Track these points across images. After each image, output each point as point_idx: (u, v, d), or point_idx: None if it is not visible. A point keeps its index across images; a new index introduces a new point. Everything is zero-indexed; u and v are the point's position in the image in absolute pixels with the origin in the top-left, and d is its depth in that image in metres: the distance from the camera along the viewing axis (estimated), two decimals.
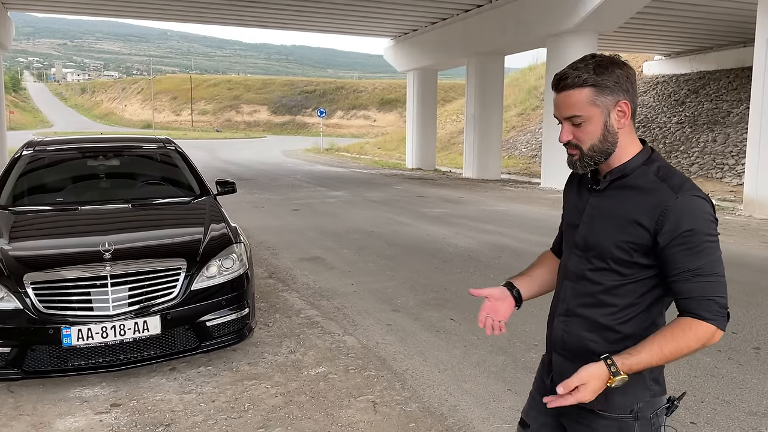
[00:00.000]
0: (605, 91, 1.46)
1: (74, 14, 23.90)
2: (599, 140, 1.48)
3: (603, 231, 1.51)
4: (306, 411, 3.45)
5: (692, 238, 1.40)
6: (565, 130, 1.52)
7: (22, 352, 3.44)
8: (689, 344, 1.40)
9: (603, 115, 1.47)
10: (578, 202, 1.62)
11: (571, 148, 1.53)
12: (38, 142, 5.30)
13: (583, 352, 1.53)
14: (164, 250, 3.96)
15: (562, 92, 1.50)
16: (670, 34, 22.28)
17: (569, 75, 1.47)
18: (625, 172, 1.50)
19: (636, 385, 1.48)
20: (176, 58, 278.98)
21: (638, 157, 1.51)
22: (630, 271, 1.48)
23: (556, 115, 1.54)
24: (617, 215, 1.48)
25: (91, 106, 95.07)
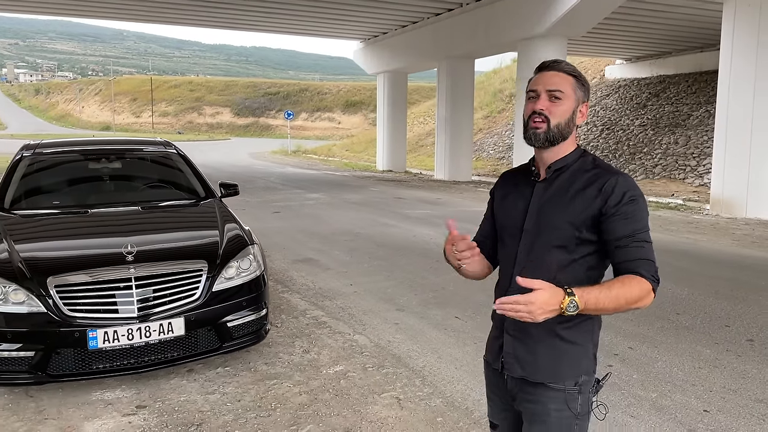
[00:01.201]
0: (581, 88, 1.70)
1: (27, 13, 23.19)
2: (565, 122, 1.67)
3: (554, 213, 1.67)
4: (333, 408, 3.51)
5: (631, 207, 1.60)
6: (542, 101, 1.67)
7: (46, 355, 3.41)
8: (633, 292, 1.55)
9: (575, 104, 1.69)
10: (520, 197, 1.77)
11: (540, 120, 1.67)
12: (36, 144, 5.21)
13: (538, 332, 1.68)
14: (185, 252, 3.97)
15: (551, 71, 1.69)
16: (632, 39, 22.96)
17: (561, 61, 1.71)
18: (567, 164, 1.71)
19: (582, 358, 1.69)
20: (133, 58, 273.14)
21: (575, 153, 1.73)
22: (578, 248, 1.65)
23: (536, 88, 1.69)
24: (566, 197, 1.66)
25: (47, 108, 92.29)
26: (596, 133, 23.72)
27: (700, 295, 5.90)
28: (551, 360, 1.69)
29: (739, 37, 11.51)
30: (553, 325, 1.64)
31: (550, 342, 1.69)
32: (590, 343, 1.71)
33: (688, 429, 3.23)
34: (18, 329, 3.42)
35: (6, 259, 3.62)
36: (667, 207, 12.99)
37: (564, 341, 1.68)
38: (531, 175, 1.78)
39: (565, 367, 1.68)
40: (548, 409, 1.69)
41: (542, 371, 1.69)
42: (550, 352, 1.69)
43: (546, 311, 1.50)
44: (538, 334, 1.68)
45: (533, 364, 1.71)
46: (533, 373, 1.70)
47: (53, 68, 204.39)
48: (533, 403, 1.71)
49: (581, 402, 1.68)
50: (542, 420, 1.70)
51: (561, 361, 1.68)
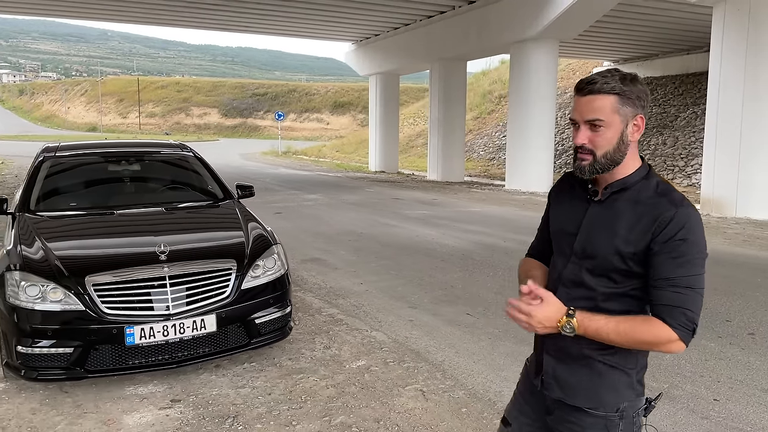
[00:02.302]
0: (628, 102, 1.52)
1: (9, 13, 23.01)
2: (614, 148, 1.53)
3: (603, 240, 1.55)
4: (361, 400, 3.66)
5: (681, 248, 1.46)
6: (582, 134, 1.54)
7: (85, 352, 3.53)
8: (642, 333, 1.47)
9: (622, 125, 1.52)
10: (574, 211, 1.65)
11: (584, 153, 1.55)
12: (56, 147, 5.31)
13: (577, 355, 1.61)
14: (214, 251, 4.10)
15: (587, 96, 1.53)
16: (620, 41, 23.32)
17: (597, 80, 1.52)
18: (626, 186, 1.56)
19: (624, 384, 1.59)
20: (117, 59, 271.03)
21: (638, 172, 1.57)
22: (625, 280, 1.54)
23: (575, 117, 1.56)
24: (618, 225, 1.54)
25: (31, 109, 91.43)
26: None
27: None
28: (591, 384, 1.61)
29: (728, 40, 11.80)
30: (594, 349, 1.58)
31: (591, 365, 1.60)
32: (634, 369, 1.60)
33: (702, 417, 3.42)
34: (57, 327, 3.53)
35: (42, 259, 3.74)
36: None
37: (605, 365, 1.59)
38: (588, 191, 1.64)
39: (605, 393, 1.59)
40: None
41: (581, 395, 1.62)
42: (590, 376, 1.60)
43: (545, 326, 1.50)
44: (579, 356, 1.61)
45: (572, 387, 1.63)
46: (572, 397, 1.63)
47: (37, 69, 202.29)
48: (571, 425, 1.64)
49: (623, 428, 1.60)
50: None
51: (601, 386, 1.59)
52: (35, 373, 3.55)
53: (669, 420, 3.38)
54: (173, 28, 27.37)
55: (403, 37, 22.34)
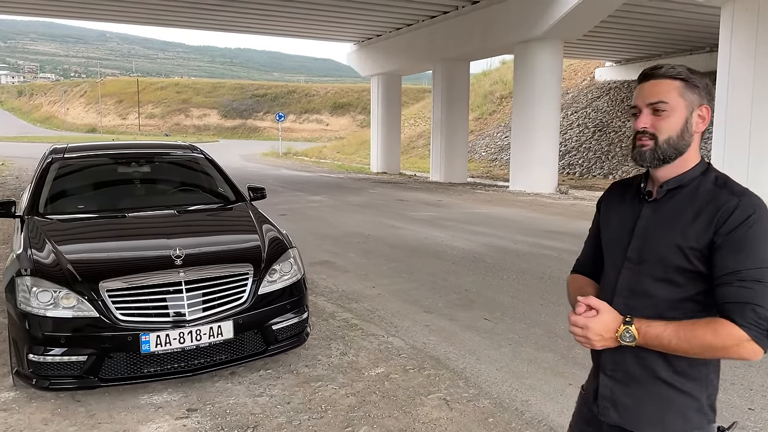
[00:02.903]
0: (693, 90, 1.45)
1: (7, 14, 22.90)
2: (677, 135, 1.44)
3: (662, 239, 1.45)
4: (383, 410, 3.54)
5: (747, 238, 1.35)
6: (644, 117, 1.46)
7: (99, 360, 3.41)
8: (707, 336, 1.33)
9: (687, 111, 1.45)
10: (625, 216, 1.56)
11: (646, 138, 1.46)
12: (64, 148, 5.19)
13: (638, 375, 1.47)
14: (231, 255, 3.99)
15: (651, 80, 1.47)
16: (622, 41, 23.25)
17: (663, 65, 1.47)
18: (683, 183, 1.47)
19: (693, 409, 1.45)
20: (116, 60, 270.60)
21: (696, 168, 1.48)
22: (689, 283, 1.42)
23: (637, 103, 1.48)
24: (676, 222, 1.44)
25: (30, 110, 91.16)
26: (588, 134, 23.97)
27: None
28: (655, 409, 1.46)
29: (737, 40, 11.71)
30: (660, 369, 1.45)
31: (655, 388, 1.46)
32: (704, 393, 1.46)
33: (739, 428, 3.30)
34: (70, 334, 3.42)
35: (54, 263, 3.62)
36: None
37: (672, 389, 1.45)
38: (641, 192, 1.54)
39: (671, 419, 1.45)
40: None
41: (642, 421, 1.48)
42: (654, 399, 1.46)
43: (604, 338, 1.40)
44: (641, 377, 1.47)
45: (633, 411, 1.49)
46: (631, 422, 1.50)
47: (35, 70, 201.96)
48: None
49: None
50: None
51: (667, 411, 1.45)
52: (47, 382, 3.43)
53: None
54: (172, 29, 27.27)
55: (406, 38, 22.24)
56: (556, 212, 12.47)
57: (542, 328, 4.94)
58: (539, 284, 6.33)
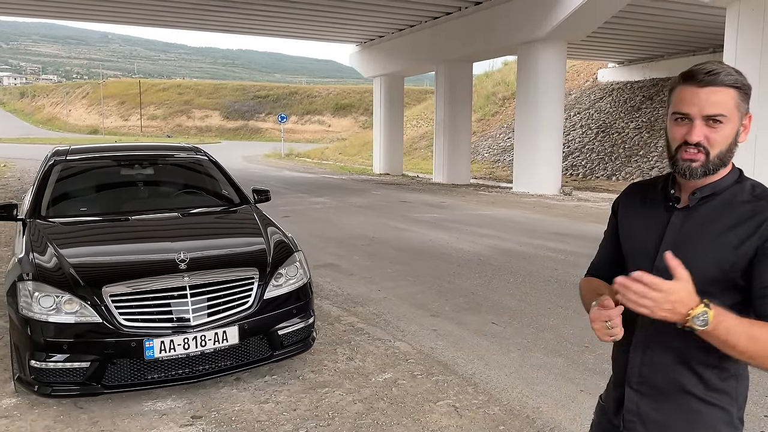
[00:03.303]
0: (745, 99, 1.37)
1: (9, 15, 22.87)
2: (727, 147, 1.36)
3: (696, 252, 1.36)
4: (391, 417, 3.47)
5: None
6: (699, 129, 1.34)
7: (102, 366, 3.35)
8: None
9: (738, 122, 1.37)
10: (652, 224, 1.47)
11: (698, 152, 1.35)
12: (66, 150, 5.14)
13: (671, 387, 1.42)
14: (236, 259, 3.93)
15: (706, 87, 1.34)
16: (625, 42, 23.16)
17: (720, 70, 1.34)
18: (717, 190, 1.40)
19: (723, 422, 1.40)
20: (118, 61, 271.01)
21: (730, 176, 1.41)
22: (724, 294, 1.34)
23: (690, 111, 1.35)
24: (714, 232, 1.36)
25: (32, 111, 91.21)
26: (591, 136, 23.90)
27: None
28: (685, 424, 1.41)
29: (742, 40, 11.63)
30: (689, 383, 1.40)
31: (683, 401, 1.41)
32: (734, 406, 1.41)
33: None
34: (72, 340, 3.35)
35: (56, 267, 3.56)
36: None
37: (702, 402, 1.39)
38: (668, 198, 1.46)
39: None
40: None
41: None
42: (685, 414, 1.41)
43: (672, 309, 1.21)
44: (670, 392, 1.41)
45: (661, 426, 1.43)
46: None
47: (37, 71, 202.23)
48: None
49: None
50: None
51: (698, 426, 1.40)
52: (49, 389, 3.37)
53: None
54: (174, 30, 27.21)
55: (408, 39, 22.19)
56: (561, 214, 12.40)
57: (551, 333, 4.87)
58: (546, 287, 6.26)
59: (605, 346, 4.42)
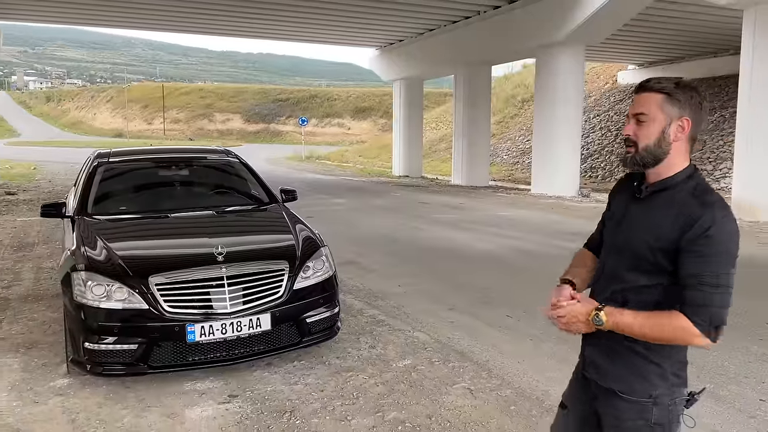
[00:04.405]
0: (674, 103, 1.63)
1: (36, 22, 23.50)
2: (653, 143, 1.64)
3: (637, 234, 1.68)
4: (411, 398, 3.77)
5: (707, 247, 1.54)
6: (629, 126, 1.70)
7: (148, 348, 3.69)
8: (667, 329, 1.57)
9: (664, 123, 1.64)
10: (621, 208, 1.78)
11: (629, 146, 1.69)
12: (108, 153, 5.53)
13: (618, 345, 1.71)
14: (268, 252, 4.26)
15: (639, 92, 1.69)
16: (645, 44, 23.19)
17: (652, 80, 1.68)
18: (667, 186, 1.66)
19: (655, 374, 1.68)
20: (141, 65, 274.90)
21: (682, 174, 1.67)
22: (655, 275, 1.65)
23: (628, 113, 1.73)
24: (650, 222, 1.65)
25: (58, 115, 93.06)
26: (610, 138, 23.94)
27: (739, 296, 6.11)
28: (624, 372, 1.72)
29: (759, 43, 11.73)
30: (631, 341, 1.68)
31: (625, 355, 1.72)
32: (667, 362, 1.69)
33: (749, 416, 3.48)
34: (122, 324, 3.70)
35: (106, 259, 3.92)
36: None
37: (637, 356, 1.70)
38: (635, 190, 1.78)
39: (635, 381, 1.70)
40: (622, 417, 1.74)
41: (613, 380, 1.74)
42: (624, 364, 1.72)
43: (578, 321, 1.64)
44: (617, 347, 1.73)
45: (606, 372, 1.77)
46: (605, 380, 1.77)
47: (63, 76, 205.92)
48: (610, 409, 1.77)
49: (656, 413, 1.69)
50: (620, 425, 1.75)
51: (631, 374, 1.71)
52: (101, 368, 3.72)
53: (717, 418, 3.45)
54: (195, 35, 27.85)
55: (428, 43, 22.47)
56: (579, 215, 12.59)
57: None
58: None
59: None
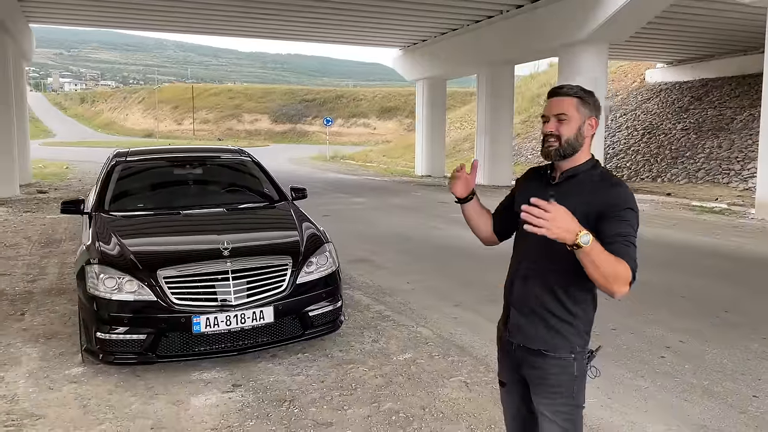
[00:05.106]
0: (586, 106, 1.99)
1: (71, 25, 24.13)
2: (573, 137, 1.98)
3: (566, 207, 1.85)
4: (407, 389, 3.88)
5: (624, 213, 1.89)
6: (552, 124, 2.00)
7: (156, 338, 3.87)
8: (618, 269, 1.77)
9: (580, 121, 1.99)
10: (538, 192, 1.94)
11: (553, 139, 1.99)
12: (126, 152, 5.76)
13: (540, 308, 2.00)
14: (272, 248, 4.42)
15: (556, 97, 2.01)
16: (673, 42, 22.87)
17: (565, 86, 2.02)
18: (577, 172, 2.01)
19: (572, 333, 1.98)
20: (172, 67, 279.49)
21: (587, 163, 2.02)
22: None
23: (547, 113, 2.02)
24: (572, 199, 1.91)
25: (92, 116, 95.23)
26: (637, 137, 23.67)
27: (746, 295, 6.11)
28: (547, 333, 2.00)
29: None
30: (551, 306, 1.98)
31: (546, 318, 1.99)
32: (581, 322, 2.00)
33: (740, 411, 3.52)
34: (132, 315, 3.89)
35: (118, 254, 4.11)
36: (711, 211, 13.03)
37: (558, 320, 1.99)
38: (548, 177, 2.09)
39: (558, 341, 1.99)
40: (549, 373, 2.00)
41: (540, 341, 2.01)
42: (547, 327, 2.00)
43: (563, 229, 1.67)
44: (538, 310, 2.00)
45: (531, 335, 2.02)
46: (532, 342, 2.02)
47: (96, 77, 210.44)
48: (536, 369, 2.03)
49: (577, 367, 1.99)
50: (545, 381, 2.02)
51: (555, 335, 1.99)
52: (112, 357, 3.91)
53: (707, 414, 3.49)
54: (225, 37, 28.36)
55: (451, 42, 22.49)
56: None
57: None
58: None
59: (608, 334, 4.73)
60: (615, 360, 4.36)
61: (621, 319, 5.26)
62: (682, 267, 7.46)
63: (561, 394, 2.01)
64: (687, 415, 3.49)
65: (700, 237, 9.73)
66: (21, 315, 5.44)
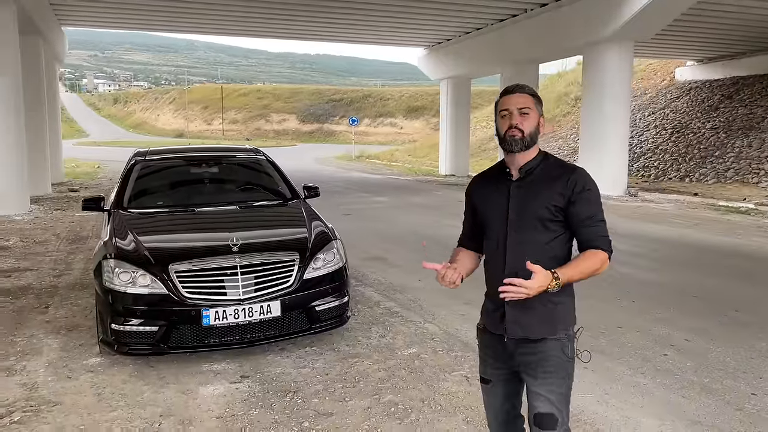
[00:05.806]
0: (539, 104, 2.17)
1: (106, 27, 24.73)
2: (534, 130, 2.14)
3: (533, 202, 2.11)
4: (409, 383, 3.98)
5: (590, 195, 2.09)
6: (516, 116, 2.13)
7: (168, 330, 4.04)
8: (596, 264, 2.07)
9: (538, 117, 2.16)
10: (498, 195, 2.20)
11: (517, 131, 2.12)
12: (146, 152, 5.97)
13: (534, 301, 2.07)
14: (280, 245, 4.56)
15: (517, 93, 2.15)
16: (703, 40, 22.48)
17: (523, 85, 2.19)
18: (533, 166, 2.16)
19: (566, 312, 2.15)
20: (203, 68, 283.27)
21: (539, 156, 2.18)
22: (556, 226, 2.11)
23: (508, 107, 2.14)
24: (539, 190, 2.11)
25: (124, 116, 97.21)
26: (665, 136, 23.34)
27: (761, 295, 6.05)
28: (548, 318, 2.13)
29: None
30: (545, 294, 2.08)
31: (545, 305, 2.12)
32: (571, 299, 2.20)
33: (736, 408, 3.53)
34: (145, 307, 4.06)
35: (134, 249, 4.29)
36: (737, 211, 12.83)
37: (550, 303, 2.13)
38: (506, 177, 2.21)
39: (558, 322, 2.14)
40: (549, 355, 2.12)
41: (542, 329, 2.13)
42: (546, 313, 2.13)
43: (540, 288, 1.97)
44: (534, 303, 2.10)
45: (534, 326, 2.13)
46: (533, 332, 2.13)
47: (129, 78, 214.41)
48: (535, 355, 2.14)
49: (571, 348, 2.15)
50: (546, 365, 2.12)
51: (555, 318, 2.14)
52: (126, 348, 4.09)
53: (703, 410, 3.52)
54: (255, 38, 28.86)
55: (475, 42, 22.47)
56: (621, 214, 12.44)
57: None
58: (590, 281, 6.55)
59: (614, 333, 4.76)
60: (617, 357, 4.40)
61: (629, 318, 5.28)
62: (699, 267, 7.40)
63: (557, 374, 2.13)
64: (683, 411, 3.52)
65: (721, 237, 9.61)
66: (45, 308, 5.68)
